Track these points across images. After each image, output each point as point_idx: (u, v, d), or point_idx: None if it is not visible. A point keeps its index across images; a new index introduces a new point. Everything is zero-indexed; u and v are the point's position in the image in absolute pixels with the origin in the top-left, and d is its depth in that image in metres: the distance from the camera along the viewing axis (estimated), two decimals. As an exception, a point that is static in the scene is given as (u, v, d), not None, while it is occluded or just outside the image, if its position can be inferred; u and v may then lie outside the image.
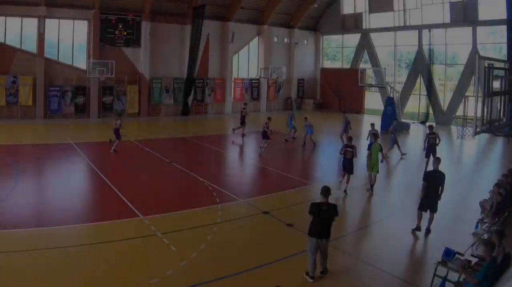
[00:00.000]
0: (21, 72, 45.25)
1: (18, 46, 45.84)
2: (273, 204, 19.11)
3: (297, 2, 60.09)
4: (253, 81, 60.00)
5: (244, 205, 19.08)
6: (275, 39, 61.49)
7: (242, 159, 31.77)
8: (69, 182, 22.65)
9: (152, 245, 14.47)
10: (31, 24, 45.88)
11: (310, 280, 12.14)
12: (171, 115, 52.90)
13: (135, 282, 11.79)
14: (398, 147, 31.43)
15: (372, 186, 21.80)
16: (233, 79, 58.18)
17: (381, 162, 23.27)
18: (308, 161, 31.96)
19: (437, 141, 26.87)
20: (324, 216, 12.14)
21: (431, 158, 23.69)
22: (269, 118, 32.99)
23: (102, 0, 47.89)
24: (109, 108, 49.57)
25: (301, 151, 33.93)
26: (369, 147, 22.08)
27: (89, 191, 21.79)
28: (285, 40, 62.79)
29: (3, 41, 44.93)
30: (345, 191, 21.49)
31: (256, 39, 60.46)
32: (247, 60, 60.55)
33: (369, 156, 21.73)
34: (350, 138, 23.29)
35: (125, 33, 50.28)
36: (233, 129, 39.54)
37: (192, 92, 53.94)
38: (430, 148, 26.57)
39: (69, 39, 48.68)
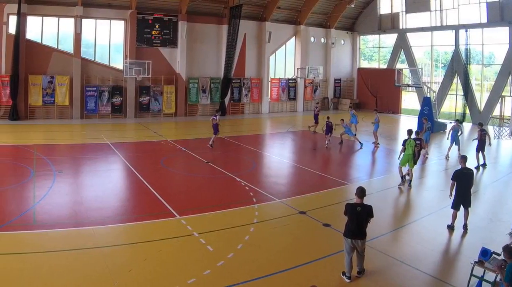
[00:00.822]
0: (57, 72, 43.30)
1: (54, 46, 43.90)
2: (310, 204, 18.38)
3: (334, 2, 57.28)
4: (290, 81, 57.11)
5: (281, 205, 18.28)
6: (312, 39, 58.55)
7: (279, 158, 29.64)
8: (106, 181, 21.93)
9: (189, 245, 13.98)
10: (67, 24, 43.85)
11: (347, 280, 11.76)
12: (207, 115, 49.69)
13: (172, 282, 11.35)
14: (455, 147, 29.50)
15: (410, 181, 21.63)
16: (269, 79, 55.54)
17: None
18: (346, 160, 30.09)
19: (487, 139, 26.75)
20: (358, 217, 11.75)
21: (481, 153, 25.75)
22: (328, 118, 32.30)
23: (139, 0, 45.80)
24: (146, 108, 47.38)
25: (339, 150, 32.33)
26: (404, 143, 21.72)
27: (125, 191, 20.94)
28: (322, 40, 59.68)
29: (40, 41, 43.13)
30: (409, 184, 21.79)
31: (292, 39, 57.44)
32: (284, 60, 57.66)
33: (403, 151, 21.63)
34: (417, 133, 23.96)
35: (161, 33, 48.04)
36: (309, 127, 39.36)
37: (229, 92, 52.01)
38: (481, 144, 26.39)
39: (106, 39, 46.56)
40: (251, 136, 35.53)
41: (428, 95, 44.18)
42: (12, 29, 40.94)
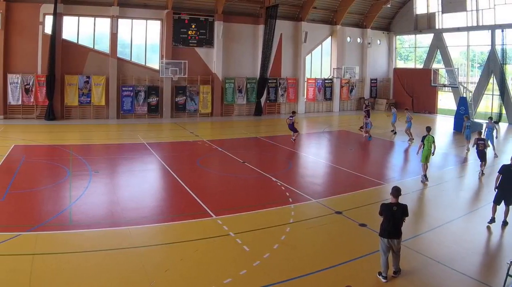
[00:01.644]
0: (94, 72, 41.12)
1: (91, 46, 41.75)
2: (346, 204, 17.51)
3: (370, 2, 54.02)
4: (326, 81, 54.01)
5: (317, 205, 17.42)
6: (348, 39, 55.33)
7: (315, 158, 27.91)
8: (142, 181, 20.96)
9: (225, 245, 13.29)
10: (103, 24, 41.61)
11: (383, 280, 11.19)
12: (243, 115, 48.26)
13: (208, 282, 10.82)
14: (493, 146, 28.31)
15: (425, 175, 21.28)
16: (306, 79, 52.58)
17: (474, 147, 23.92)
18: (382, 160, 28.57)
19: None
20: (394, 217, 11.26)
21: None
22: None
23: (175, 0, 43.33)
24: (182, 108, 44.85)
25: (375, 150, 31.34)
26: (423, 140, 21.45)
27: (161, 191, 19.88)
28: (358, 40, 56.42)
29: (76, 41, 40.97)
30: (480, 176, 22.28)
31: (329, 39, 54.59)
32: (320, 60, 54.86)
33: (422, 147, 21.42)
34: (479, 133, 24.57)
35: (198, 33, 45.43)
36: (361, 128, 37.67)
37: (265, 92, 49.15)
38: None
39: (142, 39, 44.12)
40: (287, 137, 32.58)
41: (464, 95, 42.36)
42: (48, 29, 38.96)
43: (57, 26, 38.68)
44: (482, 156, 22.84)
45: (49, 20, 38.86)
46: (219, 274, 11.19)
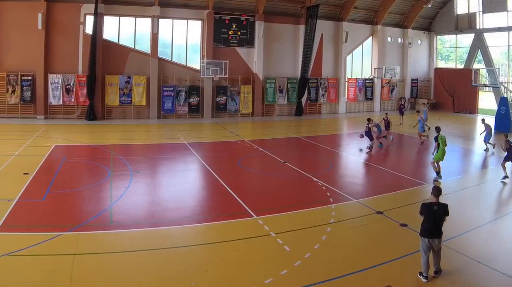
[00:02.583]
0: (134, 72, 38.04)
1: (131, 46, 38.57)
2: (387, 204, 16.35)
3: (411, 2, 49.39)
4: (367, 81, 49.72)
5: (358, 205, 16.30)
6: (389, 39, 50.79)
7: (356, 158, 25.88)
8: (183, 181, 19.60)
9: (266, 245, 12.32)
10: (144, 24, 38.36)
11: (424, 280, 10.30)
12: (284, 115, 44.39)
13: (249, 282, 9.98)
14: None
15: (438, 173, 19.91)
16: (346, 79, 48.34)
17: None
18: (422, 160, 25.81)
19: None
20: (435, 216, 10.43)
21: None
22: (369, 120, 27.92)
23: (216, 0, 39.85)
24: (223, 108, 41.26)
25: (415, 150, 28.90)
26: (436, 139, 20.49)
27: (202, 191, 18.66)
28: (399, 40, 51.74)
29: (116, 41, 37.88)
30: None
31: (369, 39, 50.10)
32: (361, 60, 50.41)
33: (437, 147, 20.13)
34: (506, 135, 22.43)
35: (238, 33, 41.80)
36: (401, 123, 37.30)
37: (306, 92, 45.09)
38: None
39: (183, 39, 40.64)
40: (328, 137, 30.98)
41: (505, 95, 39.84)
42: (89, 29, 36.10)
43: (97, 26, 35.78)
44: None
45: (89, 20, 36.07)
46: (259, 274, 10.48)
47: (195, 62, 40.95)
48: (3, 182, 17.55)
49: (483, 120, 29.34)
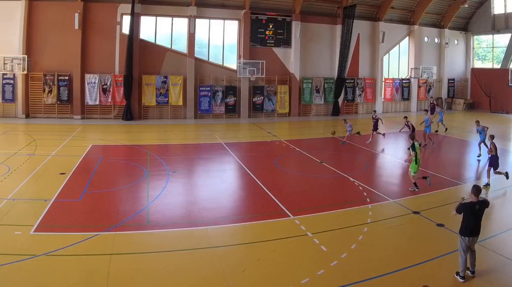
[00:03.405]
0: (171, 72, 34.57)
1: (168, 46, 35.07)
2: (423, 204, 14.56)
3: (447, 2, 44.39)
4: (404, 81, 45.11)
5: (395, 205, 14.60)
6: (426, 39, 45.74)
7: (393, 158, 23.35)
8: (219, 181, 17.93)
9: (303, 245, 11.17)
10: (181, 24, 34.90)
11: (461, 280, 9.40)
12: (321, 115, 40.12)
13: (286, 282, 9.14)
14: None
15: (415, 183, 16.39)
16: (383, 79, 43.80)
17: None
18: (459, 160, 23.70)
19: None
20: (477, 215, 9.58)
21: None
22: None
23: (253, 0, 36.05)
24: (260, 108, 37.36)
25: (451, 149, 26.22)
26: (414, 148, 16.33)
27: (239, 191, 17.04)
28: (436, 40, 46.74)
29: (153, 41, 34.45)
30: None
31: (406, 39, 45.34)
32: (398, 60, 45.69)
33: (415, 157, 16.25)
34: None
35: (275, 33, 37.83)
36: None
37: (343, 92, 40.72)
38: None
39: (219, 39, 36.92)
40: (364, 137, 27.47)
41: None
42: (125, 29, 32.79)
43: (134, 26, 32.55)
44: None
45: (126, 20, 32.80)
46: (296, 274, 9.46)
47: (232, 62, 37.18)
48: (40, 182, 16.15)
49: None
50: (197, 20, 35.14)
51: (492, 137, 17.70)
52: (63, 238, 11.00)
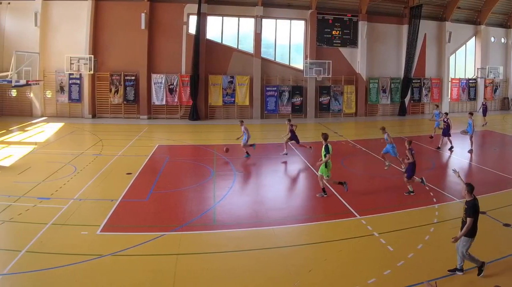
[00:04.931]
0: (237, 72, 28.16)
1: (234, 46, 28.61)
2: (490, 204, 11.57)
3: (514, 1, 35.46)
4: (470, 81, 36.60)
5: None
6: (492, 39, 37.08)
7: (459, 158, 18.51)
8: (286, 181, 14.77)
9: (369, 245, 9.17)
10: (247, 24, 28.49)
11: (461, 273, 7.61)
12: (388, 115, 32.52)
13: (352, 282, 7.54)
14: None
15: (323, 189, 12.34)
16: (450, 79, 35.50)
17: None
18: None
19: None
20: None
21: None
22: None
23: (319, 0, 29.09)
24: (326, 108, 30.18)
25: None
26: (326, 149, 12.12)
27: (305, 191, 13.59)
28: (502, 40, 37.80)
29: (219, 41, 28.12)
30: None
31: (472, 39, 36.93)
32: (464, 60, 37.16)
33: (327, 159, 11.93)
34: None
35: (342, 33, 30.60)
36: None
37: (409, 92, 32.90)
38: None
39: (286, 39, 30.13)
40: (431, 139, 22.01)
41: None
42: (192, 29, 26.75)
43: (201, 26, 26.50)
44: None
45: (193, 20, 26.82)
46: (363, 274, 7.77)
47: (298, 62, 30.21)
48: (107, 182, 13.58)
49: None
50: (263, 20, 28.62)
51: (409, 143, 12.80)
52: (129, 238, 9.20)
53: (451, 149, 19.19)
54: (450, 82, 35.19)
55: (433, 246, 9.19)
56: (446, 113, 20.47)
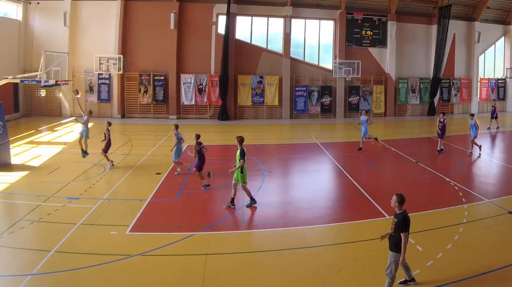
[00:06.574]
0: (267, 72, 25.98)
1: (263, 46, 26.46)
2: None
3: (544, 1, 32.80)
4: (499, 81, 33.79)
5: (490, 205, 10.81)
6: None
7: (488, 158, 16.78)
8: (315, 181, 13.45)
9: None
10: (276, 24, 26.41)
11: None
12: (416, 115, 30.01)
13: (381, 282, 6.67)
14: None
15: (233, 199, 10.47)
16: (479, 79, 32.76)
17: None
18: None
19: None
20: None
21: None
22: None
23: (349, 0, 26.89)
24: (355, 108, 27.79)
25: None
26: (242, 154, 10.34)
27: (334, 191, 12.69)
28: (531, 40, 35.87)
29: (249, 41, 26.05)
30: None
31: (502, 39, 34.21)
32: (493, 60, 34.42)
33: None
34: None
35: (371, 33, 28.24)
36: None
37: (438, 92, 30.35)
38: None
39: (315, 39, 27.97)
40: (460, 137, 20.96)
41: None
42: (221, 29, 24.75)
43: (230, 26, 24.41)
44: None
45: (222, 20, 24.80)
46: None
47: (327, 62, 27.87)
48: (136, 182, 12.46)
49: None
50: (292, 20, 26.47)
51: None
52: (158, 238, 8.43)
53: (440, 151, 17.26)
54: (479, 82, 32.34)
55: (462, 246, 8.53)
56: (443, 113, 18.09)
